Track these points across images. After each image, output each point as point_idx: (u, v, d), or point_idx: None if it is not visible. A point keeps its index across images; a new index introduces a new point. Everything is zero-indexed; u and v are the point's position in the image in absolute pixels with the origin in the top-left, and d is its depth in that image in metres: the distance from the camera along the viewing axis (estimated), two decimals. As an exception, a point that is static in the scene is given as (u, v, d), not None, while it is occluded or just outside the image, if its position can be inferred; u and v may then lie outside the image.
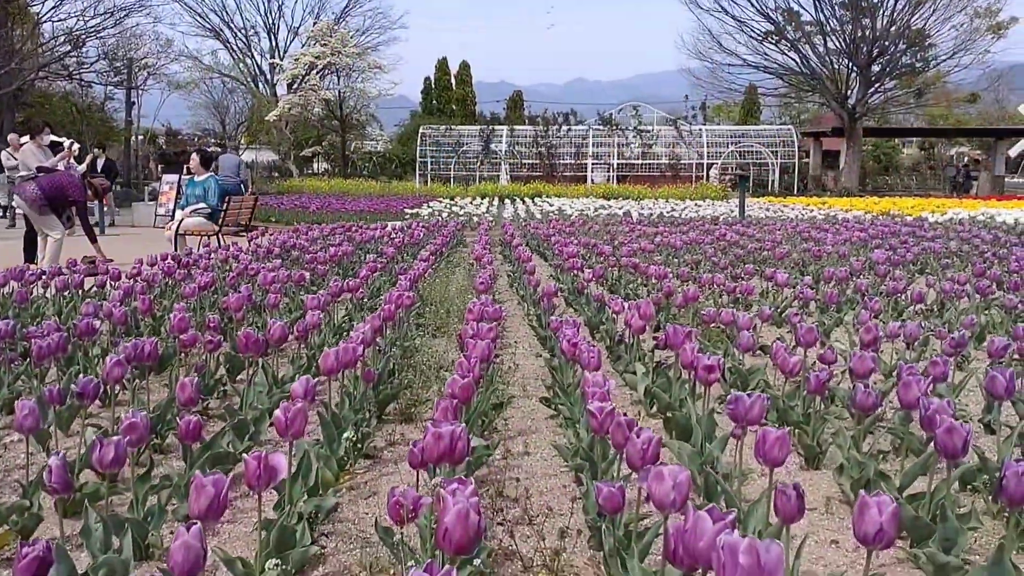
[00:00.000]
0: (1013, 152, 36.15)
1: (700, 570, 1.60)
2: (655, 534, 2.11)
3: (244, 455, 3.16)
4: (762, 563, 1.28)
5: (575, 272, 6.45)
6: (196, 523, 1.61)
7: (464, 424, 2.16)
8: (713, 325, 4.68)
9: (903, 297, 5.80)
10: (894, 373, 3.68)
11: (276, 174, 31.74)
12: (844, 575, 2.20)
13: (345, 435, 2.96)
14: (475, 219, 15.64)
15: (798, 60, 31.44)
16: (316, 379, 2.74)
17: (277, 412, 2.27)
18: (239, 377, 4.25)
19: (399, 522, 1.81)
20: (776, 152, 31.52)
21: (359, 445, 3.14)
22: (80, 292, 5.90)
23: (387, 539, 2.12)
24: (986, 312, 5.50)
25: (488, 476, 3.10)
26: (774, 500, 1.99)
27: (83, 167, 15.53)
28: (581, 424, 3.07)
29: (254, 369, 3.62)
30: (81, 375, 3.12)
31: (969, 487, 2.76)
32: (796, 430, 3.22)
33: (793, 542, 2.06)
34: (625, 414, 2.30)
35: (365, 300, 5.85)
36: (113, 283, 5.82)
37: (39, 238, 9.30)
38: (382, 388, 3.72)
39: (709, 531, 1.40)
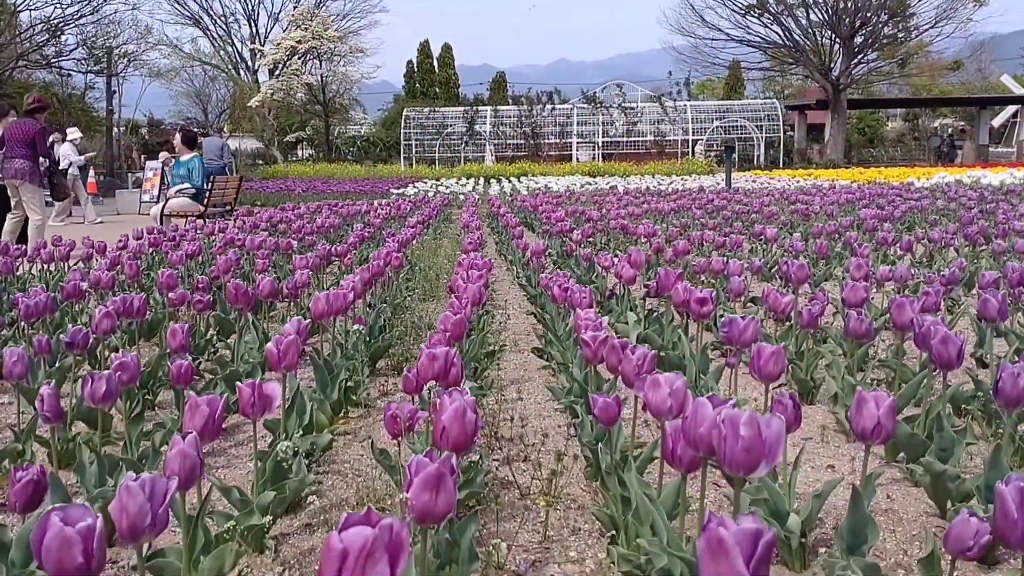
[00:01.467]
0: (996, 122, 36.28)
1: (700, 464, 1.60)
2: (651, 451, 2.10)
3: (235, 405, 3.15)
4: (763, 436, 1.28)
5: (564, 235, 6.44)
6: (192, 432, 1.59)
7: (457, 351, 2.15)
8: (703, 277, 4.67)
9: (892, 251, 5.82)
10: (885, 315, 3.70)
11: (260, 161, 31.58)
12: (843, 480, 2.20)
13: (340, 378, 2.94)
14: (461, 197, 15.60)
15: (781, 33, 31.45)
16: (307, 321, 2.72)
17: (269, 345, 2.25)
18: (229, 339, 4.23)
19: (395, 435, 1.80)
20: (761, 127, 31.55)
21: (353, 393, 3.13)
22: (66, 265, 5.86)
23: (383, 460, 2.11)
24: (975, 262, 5.52)
25: (482, 419, 3.09)
26: (771, 410, 1.99)
27: (81, 159, 15.39)
28: (575, 364, 3.06)
29: (243, 323, 3.59)
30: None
31: (963, 408, 2.77)
32: (790, 366, 3.22)
33: (792, 475, 2.06)
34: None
35: (354, 267, 5.82)
36: (100, 255, 5.78)
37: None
38: (374, 342, 3.71)
39: (710, 415, 1.39)
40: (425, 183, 19.37)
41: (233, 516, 1.99)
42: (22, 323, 3.60)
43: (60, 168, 13.04)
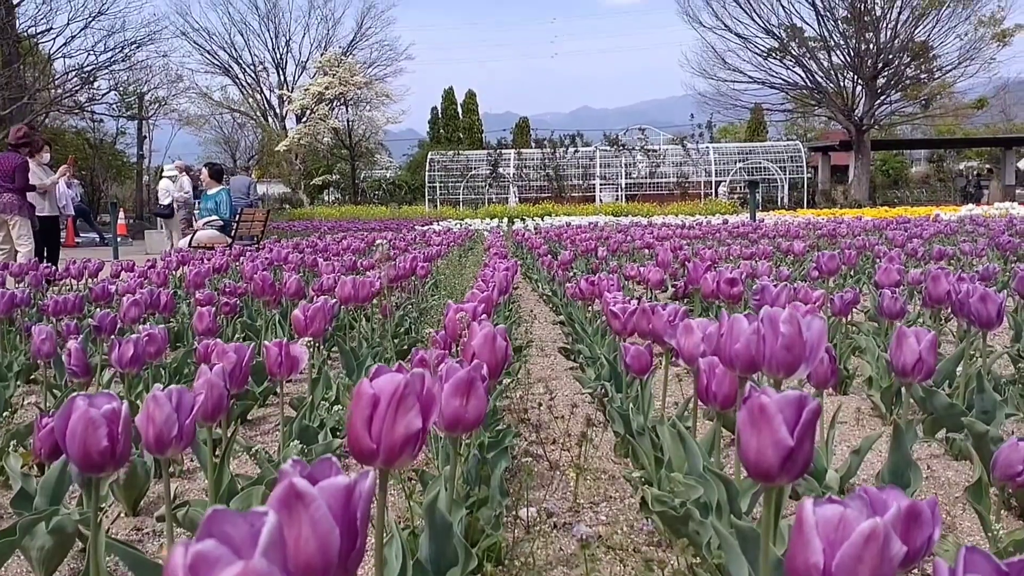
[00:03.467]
0: (1023, 164, 36.02)
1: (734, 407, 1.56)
2: (683, 409, 2.06)
3: (260, 395, 3.13)
4: (803, 335, 1.24)
5: (589, 253, 6.42)
6: (218, 364, 1.57)
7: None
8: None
9: (922, 263, 5.75)
10: (918, 318, 3.64)
11: (287, 205, 31.94)
12: (881, 435, 2.13)
13: (366, 364, 2.92)
14: (486, 234, 15.66)
15: (803, 75, 31.51)
16: (334, 301, 2.71)
17: (296, 312, 2.24)
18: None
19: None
20: (784, 168, 31.49)
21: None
22: (93, 279, 5.91)
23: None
24: (1007, 269, 5.44)
25: (511, 406, 3.06)
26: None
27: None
28: (603, 350, 3.02)
29: (269, 318, 3.59)
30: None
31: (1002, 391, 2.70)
32: (822, 356, 3.17)
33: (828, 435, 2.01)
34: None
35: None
36: (128, 272, 5.82)
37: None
38: (399, 341, 3.69)
39: (746, 328, 1.35)
40: (450, 222, 19.47)
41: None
42: (51, 318, 3.62)
43: (164, 204, 13.60)
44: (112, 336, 3.05)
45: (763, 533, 1.02)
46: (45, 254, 8.94)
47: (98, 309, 4.09)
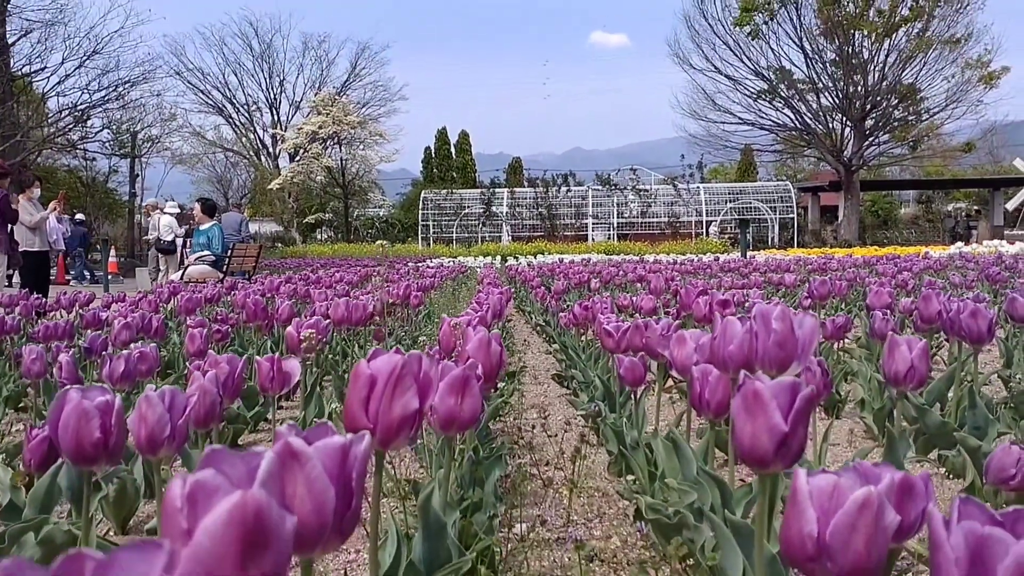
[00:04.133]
0: (1010, 205, 36.36)
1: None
2: (676, 423, 2.06)
3: (251, 420, 3.12)
4: (795, 332, 1.25)
5: (582, 285, 6.43)
6: (211, 371, 1.57)
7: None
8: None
9: (912, 291, 5.78)
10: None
11: (280, 244, 31.98)
12: (873, 449, 2.13)
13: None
14: (479, 269, 15.71)
15: (792, 117, 31.86)
16: (327, 321, 2.70)
17: (289, 328, 2.24)
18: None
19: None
20: (775, 208, 31.71)
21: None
22: (84, 308, 5.89)
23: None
24: (996, 301, 5.47)
25: (505, 429, 3.05)
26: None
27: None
28: (596, 373, 3.02)
29: (261, 344, 3.58)
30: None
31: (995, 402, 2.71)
32: (814, 381, 3.17)
33: (820, 456, 2.01)
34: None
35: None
36: (119, 303, 5.81)
37: None
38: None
39: (739, 330, 1.36)
40: (443, 260, 19.53)
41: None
42: (40, 344, 3.60)
43: (167, 240, 13.65)
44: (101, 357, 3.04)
45: (757, 523, 1.02)
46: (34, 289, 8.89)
47: (89, 331, 4.09)
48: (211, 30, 51.56)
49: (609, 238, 30.44)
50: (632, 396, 2.37)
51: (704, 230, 30.88)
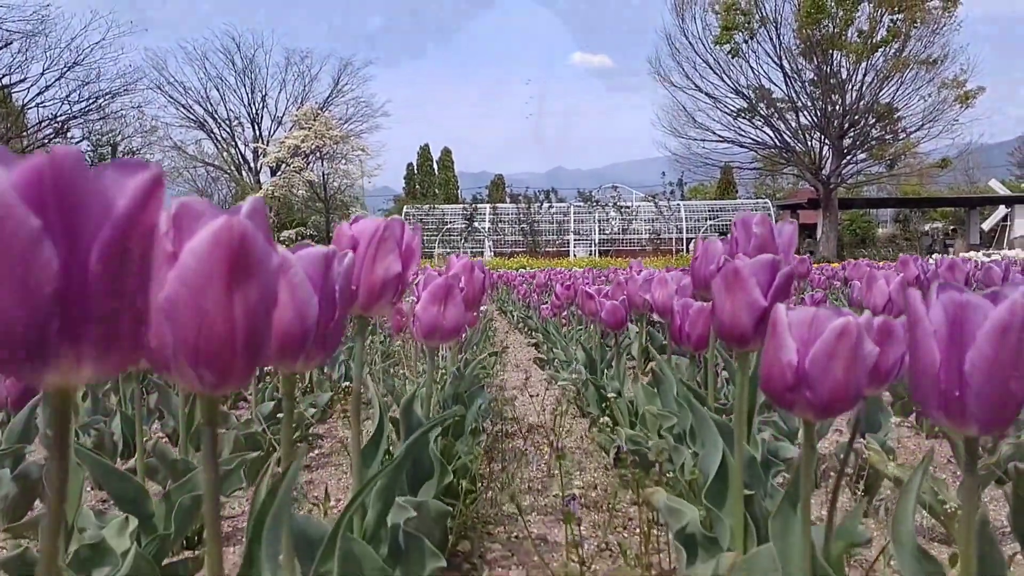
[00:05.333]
0: (986, 226, 36.80)
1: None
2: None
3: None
4: (775, 237, 1.26)
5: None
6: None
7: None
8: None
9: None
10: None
11: (260, 257, 31.73)
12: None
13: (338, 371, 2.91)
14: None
15: (771, 135, 32.16)
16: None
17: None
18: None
19: (399, 328, 1.77)
20: (755, 225, 31.92)
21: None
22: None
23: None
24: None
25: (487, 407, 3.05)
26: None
27: None
28: (578, 347, 3.03)
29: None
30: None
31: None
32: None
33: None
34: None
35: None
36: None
37: None
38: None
39: (720, 249, 1.37)
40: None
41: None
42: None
43: None
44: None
45: (736, 399, 1.03)
46: None
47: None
48: (193, 45, 51.52)
49: (591, 254, 30.56)
50: (614, 359, 2.38)
51: (684, 247, 31.05)
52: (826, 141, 31.27)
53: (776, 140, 31.84)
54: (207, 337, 0.47)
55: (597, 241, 32.08)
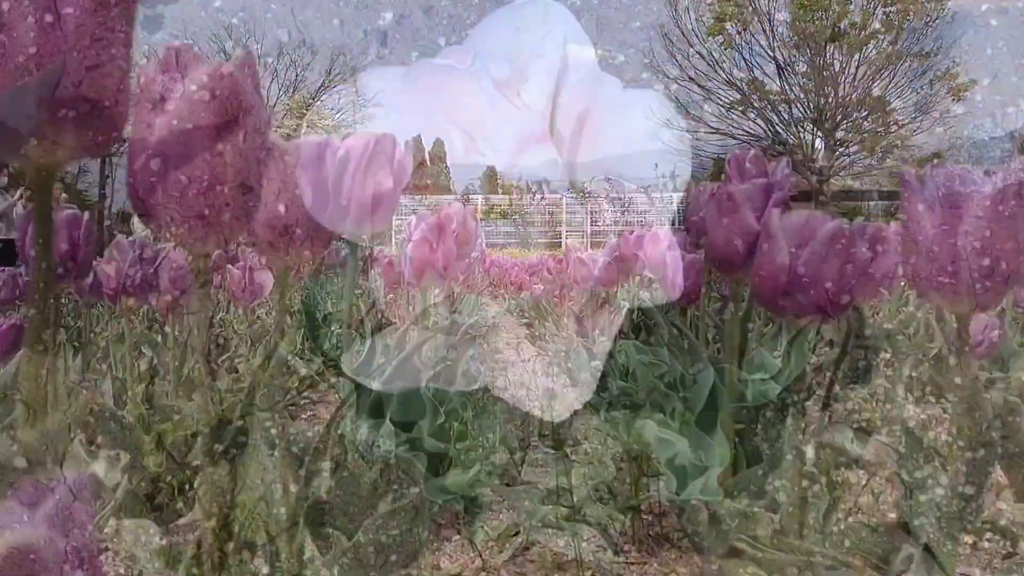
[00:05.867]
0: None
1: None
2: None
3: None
4: (771, 175, 1.26)
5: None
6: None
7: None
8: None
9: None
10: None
11: (251, 247, 31.70)
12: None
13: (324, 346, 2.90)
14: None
15: (764, 127, 32.15)
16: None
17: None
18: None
19: (393, 284, 1.77)
20: (747, 217, 32.01)
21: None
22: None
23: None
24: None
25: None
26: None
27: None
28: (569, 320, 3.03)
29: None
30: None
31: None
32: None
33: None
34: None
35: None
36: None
37: None
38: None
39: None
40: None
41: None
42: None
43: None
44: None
45: (727, 337, 1.03)
46: None
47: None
48: (184, 33, 51.18)
49: (584, 245, 30.62)
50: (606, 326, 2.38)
51: (677, 238, 31.11)
52: (818, 134, 31.27)
53: (769, 132, 31.82)
54: (197, 179, 0.47)
55: (589, 233, 32.08)
